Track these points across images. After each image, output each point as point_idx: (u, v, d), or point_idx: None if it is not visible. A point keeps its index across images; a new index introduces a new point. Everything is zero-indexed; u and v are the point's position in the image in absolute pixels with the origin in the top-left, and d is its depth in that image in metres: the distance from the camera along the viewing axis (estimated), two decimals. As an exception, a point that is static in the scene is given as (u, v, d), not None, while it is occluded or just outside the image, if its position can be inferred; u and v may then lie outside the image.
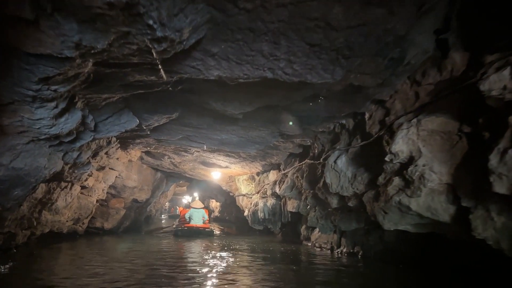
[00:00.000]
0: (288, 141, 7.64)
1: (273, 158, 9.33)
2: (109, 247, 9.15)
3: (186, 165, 11.73)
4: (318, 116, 5.64)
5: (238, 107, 5.12)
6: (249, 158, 9.54)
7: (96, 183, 9.86)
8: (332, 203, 6.69)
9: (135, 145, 8.77)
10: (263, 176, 11.20)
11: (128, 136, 7.55)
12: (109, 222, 11.96)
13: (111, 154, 8.86)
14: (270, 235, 12.80)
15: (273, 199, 10.35)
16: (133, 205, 13.15)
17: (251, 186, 11.91)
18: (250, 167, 10.71)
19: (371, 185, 5.31)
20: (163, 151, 9.97)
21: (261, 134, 6.64)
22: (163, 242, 10.57)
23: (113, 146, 8.24)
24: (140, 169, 12.46)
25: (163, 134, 7.28)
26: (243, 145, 7.46)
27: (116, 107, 5.16)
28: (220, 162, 10.55)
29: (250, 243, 10.12)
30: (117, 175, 11.11)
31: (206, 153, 9.44)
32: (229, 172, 12.08)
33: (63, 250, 7.85)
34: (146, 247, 8.83)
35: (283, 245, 9.75)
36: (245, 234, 14.06)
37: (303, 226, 9.68)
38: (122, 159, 10.57)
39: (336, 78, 3.70)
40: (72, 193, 8.30)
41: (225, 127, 6.45)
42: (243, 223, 19.25)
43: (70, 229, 9.93)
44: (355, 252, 7.65)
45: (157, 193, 15.60)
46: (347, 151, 5.88)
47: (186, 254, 7.96)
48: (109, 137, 6.78)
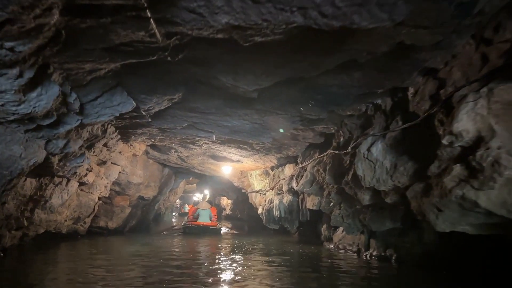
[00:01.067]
0: (308, 129, 6.68)
1: (290, 150, 8.36)
2: (111, 249, 8.35)
3: (195, 160, 10.86)
4: (349, 94, 4.66)
5: (253, 82, 4.18)
6: (263, 150, 8.60)
7: (97, 179, 9.07)
8: (363, 199, 5.70)
9: (138, 137, 7.92)
10: (278, 170, 10.25)
11: (127, 125, 6.69)
12: (113, 221, 11.19)
13: (111, 147, 8.03)
14: (286, 235, 11.85)
15: (289, 196, 9.39)
16: (140, 203, 12.36)
17: (265, 181, 10.97)
18: (264, 160, 9.77)
19: (418, 176, 4.31)
20: (169, 144, 9.12)
21: (278, 119, 5.69)
22: (171, 242, 9.73)
23: (112, 137, 7.41)
24: (146, 165, 11.64)
25: (167, 122, 6.40)
26: (257, 134, 6.51)
27: (106, 84, 4.28)
28: (231, 155, 9.64)
29: (265, 244, 9.20)
30: (121, 170, 10.31)
31: (215, 145, 8.53)
32: (241, 166, 11.17)
33: (59, 253, 7.06)
34: (151, 248, 7.99)
35: (302, 246, 8.80)
36: (259, 234, 13.14)
37: (324, 226, 8.71)
38: (126, 153, 9.76)
39: (396, 19, 2.70)
40: (68, 189, 7.50)
41: (236, 111, 5.53)
42: (256, 221, 18.34)
43: (70, 229, 9.17)
44: (387, 256, 6.65)
45: (165, 190, 14.81)
46: (384, 137, 4.88)
47: (195, 256, 7.09)
48: (104, 125, 5.93)
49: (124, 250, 8.06)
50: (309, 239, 9.81)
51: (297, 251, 8.09)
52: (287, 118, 5.59)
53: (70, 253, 7.13)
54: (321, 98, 4.72)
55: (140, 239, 10.27)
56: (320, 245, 8.89)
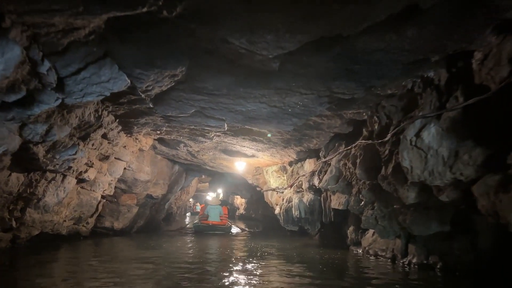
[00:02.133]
0: (334, 116, 5.71)
1: (312, 142, 7.40)
2: (111, 253, 7.56)
3: (206, 155, 10.01)
4: (397, 63, 3.67)
5: (274, 44, 3.25)
6: (281, 142, 7.67)
7: (99, 175, 8.31)
8: (407, 197, 4.70)
9: (141, 128, 7.09)
10: (297, 166, 9.30)
11: (127, 112, 5.87)
12: (119, 221, 10.44)
13: (112, 139, 7.24)
14: (305, 237, 10.84)
15: (310, 194, 8.43)
16: (148, 201, 11.59)
17: (282, 178, 10.02)
18: (282, 155, 8.82)
19: (491, 166, 3.31)
20: (177, 137, 8.28)
21: (302, 100, 4.74)
22: (180, 245, 8.90)
23: (113, 128, 6.61)
24: (154, 161, 10.86)
25: (171, 108, 5.53)
26: (276, 120, 5.57)
27: (91, 53, 3.42)
28: (245, 149, 8.73)
29: (282, 248, 8.26)
30: (126, 167, 9.54)
31: (227, 137, 7.64)
32: (256, 162, 10.25)
33: (55, 257, 6.28)
34: (157, 253, 7.17)
35: (325, 251, 7.82)
36: (274, 235, 12.19)
37: (351, 228, 7.71)
38: (131, 148, 8.97)
39: None
40: (65, 186, 6.74)
41: (252, 91, 4.60)
42: (271, 221, 17.40)
43: (71, 230, 8.44)
44: (430, 264, 5.61)
45: (176, 188, 14.02)
46: (439, 118, 3.88)
47: (205, 262, 6.22)
48: (98, 110, 5.10)
49: (124, 254, 7.26)
50: (332, 242, 8.82)
51: (320, 256, 7.12)
52: (313, 99, 4.63)
53: (64, 257, 6.35)
54: (360, 69, 3.75)
55: (147, 241, 9.48)
56: (346, 250, 7.89)
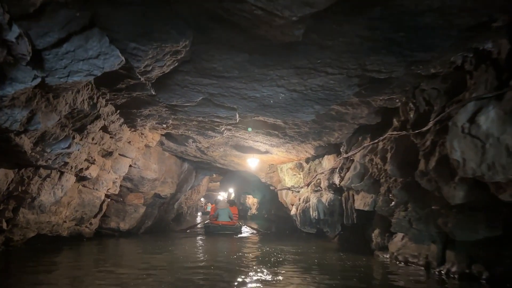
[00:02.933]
0: (361, 105, 5.01)
1: (333, 136, 6.68)
2: (114, 255, 6.98)
3: (216, 151, 9.38)
4: (450, 29, 2.95)
5: (298, 2, 2.56)
6: (298, 136, 6.97)
7: (102, 173, 7.77)
8: (454, 196, 3.94)
9: (145, 120, 6.50)
10: (315, 163, 8.58)
11: (128, 102, 5.27)
12: (126, 222, 9.89)
13: (114, 133, 6.67)
14: (322, 240, 10.07)
15: (330, 193, 7.71)
16: (156, 201, 11.04)
17: (298, 176, 9.32)
18: (298, 151, 8.12)
19: None
20: (184, 131, 7.67)
21: (327, 82, 4.03)
22: (189, 248, 8.29)
23: (114, 121, 6.03)
24: (161, 158, 10.29)
25: (176, 96, 4.90)
26: (294, 107, 4.87)
27: (73, 19, 2.80)
28: (258, 144, 8.07)
29: (298, 252, 7.54)
30: (132, 164, 8.99)
31: (239, 130, 6.99)
32: (270, 159, 9.57)
33: (51, 260, 5.71)
34: (164, 257, 6.57)
35: (346, 256, 7.08)
36: (289, 237, 11.45)
37: (376, 231, 6.95)
38: (136, 144, 8.41)
39: None
40: (63, 184, 6.19)
41: (268, 72, 3.93)
42: (285, 222, 16.66)
43: (73, 232, 7.92)
44: (473, 274, 4.83)
45: (185, 187, 13.46)
46: (500, 99, 3.13)
47: (215, 268, 5.59)
48: (93, 97, 4.49)
49: (128, 258, 6.67)
50: (353, 246, 8.06)
51: (342, 262, 6.39)
52: (341, 80, 3.92)
53: (63, 261, 5.79)
54: (403, 38, 3.03)
55: (154, 243, 8.91)
56: (370, 255, 7.13)
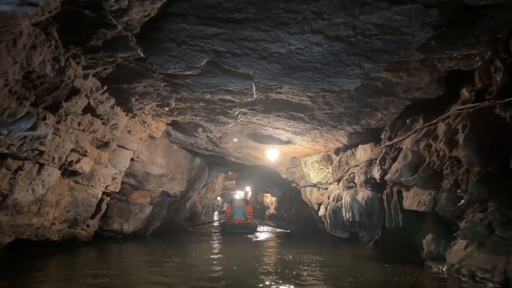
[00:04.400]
0: (423, 68, 3.66)
1: (374, 118, 5.32)
2: (112, 264, 5.83)
3: (230, 142, 8.14)
4: None
5: None
6: (329, 120, 5.63)
7: (98, 167, 6.66)
8: None
9: (142, 101, 5.32)
10: (346, 154, 7.22)
11: (115, 73, 4.10)
12: (130, 223, 8.80)
13: (105, 117, 5.54)
14: (354, 245, 8.65)
15: (367, 190, 6.33)
16: (164, 200, 9.91)
17: (326, 171, 7.96)
18: (327, 139, 6.78)
19: None
20: (192, 118, 6.47)
21: (391, 19, 2.69)
22: (195, 254, 7.09)
23: (102, 100, 4.90)
24: (169, 151, 9.14)
25: (172, 59, 3.67)
26: (335, 68, 3.53)
27: None
28: (279, 133, 6.78)
29: (328, 263, 6.19)
30: (134, 157, 7.87)
31: (257, 115, 5.72)
32: (292, 151, 8.26)
33: (30, 274, 4.62)
34: (171, 266, 5.39)
35: (391, 268, 5.71)
36: (312, 241, 10.09)
37: (429, 236, 5.54)
38: (138, 133, 7.27)
39: None
40: (44, 179, 5.08)
41: (299, 7, 2.63)
42: (306, 223, 15.28)
43: (66, 235, 6.84)
44: None
45: (198, 185, 12.30)
46: None
47: (226, 281, 4.36)
48: (60, 60, 3.31)
49: (128, 268, 5.52)
50: (395, 254, 6.67)
51: (386, 277, 5.03)
52: (414, 13, 2.57)
53: (47, 273, 4.67)
54: None
55: (162, 248, 7.77)
56: (419, 266, 5.73)
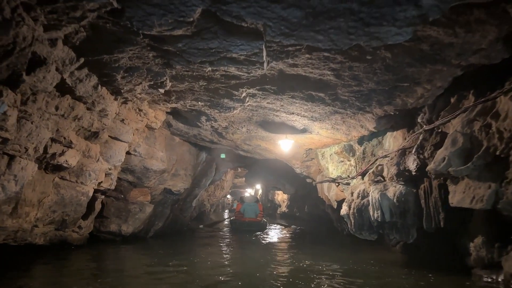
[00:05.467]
0: (488, 20, 2.70)
1: (413, 95, 4.33)
2: (102, 274, 5.01)
3: (237, 133, 7.24)
4: None
5: None
6: (356, 100, 4.67)
7: (87, 161, 5.84)
8: None
9: (129, 79, 4.45)
10: (372, 144, 6.25)
11: (90, 39, 3.23)
12: (129, 224, 7.99)
13: (91, 101, 4.72)
14: (376, 247, 7.64)
15: (399, 185, 5.35)
16: (167, 198, 9.08)
17: (347, 164, 6.99)
18: (350, 125, 5.81)
19: None
20: (193, 103, 5.59)
21: None
22: (199, 259, 6.22)
23: (81, 78, 4.07)
24: (170, 144, 8.30)
25: (154, 10, 2.77)
26: (377, 10, 2.57)
27: None
28: (294, 119, 5.84)
29: (349, 271, 5.26)
30: (131, 150, 7.04)
31: (268, 97, 4.80)
32: (308, 141, 7.30)
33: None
34: (171, 278, 4.54)
35: (426, 276, 4.76)
36: (328, 243, 9.13)
37: (478, 239, 4.55)
38: (133, 123, 6.43)
39: None
40: (16, 174, 4.27)
41: None
42: (320, 221, 14.31)
43: (54, 238, 6.05)
44: None
45: (204, 182, 11.42)
46: None
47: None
48: (7, 21, 2.46)
49: (121, 279, 4.68)
50: (430, 259, 5.69)
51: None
52: None
53: None
54: None
55: (165, 252, 6.96)
56: (466, 275, 4.76)
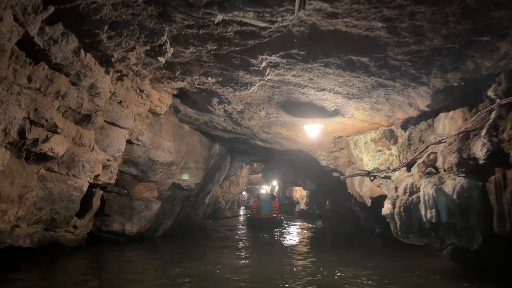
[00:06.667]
0: None
1: (496, 53, 3.19)
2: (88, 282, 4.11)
3: (255, 118, 6.21)
4: None
5: None
6: (411, 66, 3.56)
7: (80, 150, 4.95)
8: None
9: (119, 40, 3.49)
10: (419, 128, 5.12)
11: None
12: (133, 223, 7.10)
13: (73, 71, 3.79)
14: (415, 251, 6.43)
15: (459, 178, 4.21)
16: (176, 194, 8.16)
17: (386, 153, 5.86)
18: (394, 104, 4.69)
19: None
20: (203, 80, 4.61)
21: None
22: (215, 265, 5.26)
23: (53, 36, 3.23)
24: (179, 133, 7.35)
25: None
26: None
27: None
28: (324, 97, 4.76)
29: (390, 283, 4.20)
30: (133, 139, 6.13)
31: (294, 67, 3.75)
32: (339, 127, 6.19)
33: None
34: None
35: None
36: (355, 244, 8.01)
37: None
38: (134, 106, 5.51)
39: None
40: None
41: None
42: (345, 220, 13.17)
43: (43, 240, 5.20)
44: None
45: (218, 176, 10.48)
46: None
47: None
48: None
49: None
50: (491, 268, 4.55)
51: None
52: None
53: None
54: None
55: (173, 257, 6.06)
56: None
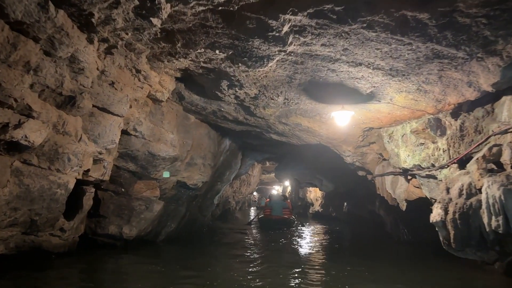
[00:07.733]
0: None
1: None
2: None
3: (270, 106, 5.32)
4: None
5: None
6: (486, 25, 2.64)
7: (64, 140, 4.17)
8: None
9: (111, 20, 2.67)
10: (475, 116, 4.15)
11: None
12: (132, 225, 6.29)
13: (43, 35, 2.99)
14: (455, 263, 5.40)
15: (536, 176, 3.27)
16: (181, 193, 7.32)
17: (431, 147, 4.86)
18: (449, 84, 3.73)
19: None
20: (207, 53, 3.77)
21: None
22: (222, 278, 4.41)
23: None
24: (184, 125, 6.51)
25: None
26: None
27: None
28: (359, 75, 3.85)
29: None
30: (129, 129, 5.33)
31: (325, 31, 2.87)
32: (371, 116, 5.22)
33: None
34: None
35: None
36: (381, 254, 7.02)
37: None
38: (129, 90, 4.70)
39: None
40: None
41: None
42: (363, 224, 12.19)
43: (23, 245, 4.43)
44: None
45: (228, 175, 9.60)
46: None
47: None
48: None
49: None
50: None
51: None
52: None
53: None
54: None
55: (169, 267, 5.22)
56: None
